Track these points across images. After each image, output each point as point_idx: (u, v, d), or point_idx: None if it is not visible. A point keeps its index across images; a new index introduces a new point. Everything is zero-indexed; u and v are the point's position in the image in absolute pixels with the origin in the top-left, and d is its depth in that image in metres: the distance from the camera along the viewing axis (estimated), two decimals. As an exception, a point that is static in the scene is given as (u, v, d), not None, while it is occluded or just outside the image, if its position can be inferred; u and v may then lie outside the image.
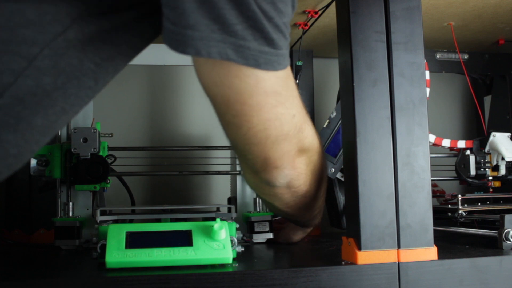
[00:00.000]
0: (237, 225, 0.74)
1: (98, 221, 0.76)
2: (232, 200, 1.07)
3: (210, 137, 1.26)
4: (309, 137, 0.66)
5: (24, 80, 0.46)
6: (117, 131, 1.07)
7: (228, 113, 0.55)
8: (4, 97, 0.46)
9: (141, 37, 0.54)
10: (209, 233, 0.68)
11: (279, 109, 0.56)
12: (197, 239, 0.68)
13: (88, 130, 0.92)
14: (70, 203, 0.93)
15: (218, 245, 0.67)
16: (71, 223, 0.89)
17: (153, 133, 1.27)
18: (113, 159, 1.00)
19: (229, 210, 0.83)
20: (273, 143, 0.59)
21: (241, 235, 0.77)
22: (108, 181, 0.94)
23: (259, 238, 0.95)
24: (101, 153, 0.94)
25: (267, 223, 0.96)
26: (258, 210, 0.99)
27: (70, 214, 0.93)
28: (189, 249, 0.66)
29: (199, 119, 1.27)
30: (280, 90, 0.55)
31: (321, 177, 0.74)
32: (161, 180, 1.24)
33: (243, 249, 0.73)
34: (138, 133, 1.25)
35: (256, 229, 0.95)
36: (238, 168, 1.04)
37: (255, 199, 1.00)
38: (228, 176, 1.10)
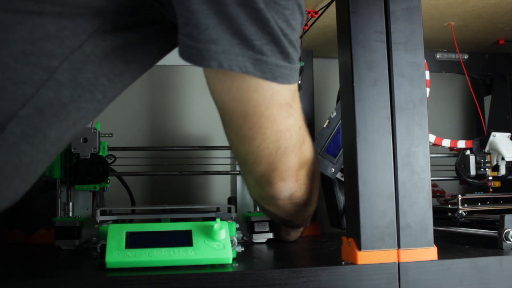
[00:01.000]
0: (237, 225, 0.74)
1: (98, 221, 0.76)
2: (232, 200, 1.07)
3: (210, 137, 1.26)
4: (310, 148, 0.68)
5: (45, 92, 0.48)
6: (117, 131, 1.07)
7: (245, 126, 0.56)
8: (26, 107, 0.48)
9: (151, 55, 0.57)
10: (209, 233, 0.68)
11: (290, 120, 0.58)
12: (197, 239, 0.68)
13: (88, 130, 0.92)
14: (70, 203, 0.93)
15: (218, 245, 0.67)
16: (71, 223, 0.90)
17: (153, 133, 1.27)
18: (113, 159, 1.00)
19: (229, 210, 0.83)
20: (282, 155, 0.61)
21: (241, 235, 0.77)
22: (108, 181, 0.94)
23: (259, 238, 0.95)
24: (101, 153, 0.94)
25: (267, 223, 0.96)
26: (258, 210, 0.99)
27: (70, 214, 0.93)
28: (189, 249, 0.66)
29: (199, 119, 1.27)
30: (291, 102, 0.57)
31: (316, 184, 0.75)
32: (161, 180, 1.24)
33: (243, 249, 0.73)
34: (138, 133, 1.25)
35: (256, 229, 0.96)
36: (238, 168, 1.03)
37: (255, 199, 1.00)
38: (228, 176, 1.10)
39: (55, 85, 0.49)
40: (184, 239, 0.68)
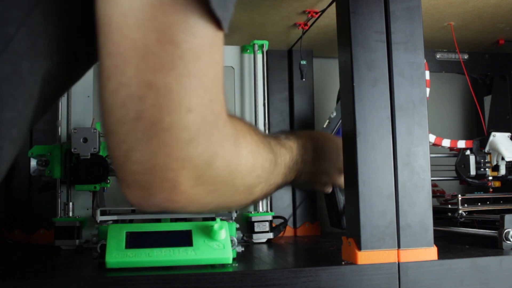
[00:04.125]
0: (237, 225, 0.74)
1: (98, 221, 0.76)
2: None
3: None
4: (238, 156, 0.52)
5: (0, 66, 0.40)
6: None
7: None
8: None
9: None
10: (209, 233, 0.68)
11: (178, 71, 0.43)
12: (197, 239, 0.68)
13: (88, 130, 0.92)
14: (70, 203, 0.94)
15: (218, 245, 0.67)
16: (71, 223, 0.90)
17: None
18: None
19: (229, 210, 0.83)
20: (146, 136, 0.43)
21: (241, 235, 0.77)
22: (108, 181, 0.94)
23: (259, 238, 0.95)
24: (101, 153, 0.94)
25: (267, 223, 0.96)
26: (258, 210, 0.99)
27: (70, 214, 0.93)
28: (189, 249, 0.66)
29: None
30: (180, 41, 0.43)
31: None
32: None
33: (243, 249, 0.73)
34: None
35: (256, 229, 0.96)
36: None
37: None
38: None
39: (12, 57, 0.40)
40: (184, 239, 0.68)
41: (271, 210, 1.04)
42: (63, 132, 0.98)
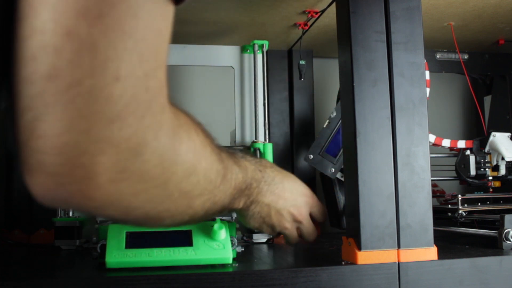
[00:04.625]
0: (237, 225, 0.74)
1: (98, 221, 0.76)
2: None
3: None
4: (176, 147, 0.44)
5: None
6: None
7: None
8: None
9: None
10: (209, 233, 0.68)
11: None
12: (197, 239, 0.68)
13: None
14: None
15: (218, 245, 0.67)
16: (71, 223, 0.90)
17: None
18: None
19: None
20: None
21: (241, 235, 0.77)
22: None
23: (259, 238, 0.95)
24: None
25: None
26: None
27: (70, 214, 0.93)
28: (189, 249, 0.66)
29: (199, 119, 1.27)
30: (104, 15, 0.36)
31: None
32: None
33: (243, 249, 0.73)
34: None
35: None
36: None
37: None
38: None
39: None
40: (184, 239, 0.68)
41: None
42: None
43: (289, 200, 0.67)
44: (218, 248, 0.67)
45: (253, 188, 0.62)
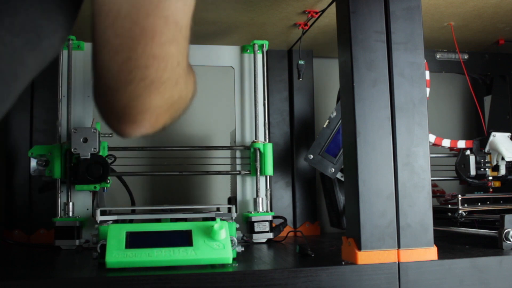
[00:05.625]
0: (237, 225, 0.74)
1: (98, 221, 0.76)
2: (232, 200, 1.06)
3: (210, 137, 1.26)
4: (184, 96, 0.56)
5: None
6: None
7: (110, 30, 0.44)
8: None
9: None
10: (209, 233, 0.68)
11: (172, 48, 0.48)
12: (197, 239, 0.68)
13: (88, 130, 0.92)
14: (70, 203, 0.93)
15: (218, 245, 0.67)
16: (71, 223, 0.90)
17: (153, 133, 1.26)
18: (113, 159, 1.00)
19: (229, 210, 0.82)
20: (144, 89, 0.50)
21: (241, 235, 0.77)
22: (108, 181, 0.94)
23: (259, 238, 0.95)
24: (101, 153, 0.94)
25: (267, 223, 0.96)
26: (258, 210, 0.99)
27: (70, 214, 0.93)
28: (189, 249, 0.66)
29: (199, 119, 1.27)
30: (182, 25, 0.48)
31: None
32: (161, 180, 1.24)
33: (243, 249, 0.73)
34: None
35: (256, 229, 0.96)
36: (238, 168, 1.03)
37: (255, 199, 1.00)
38: (228, 176, 1.10)
39: None
40: (184, 239, 0.68)
41: (271, 210, 1.04)
42: (63, 132, 0.97)
43: None
44: (218, 248, 0.67)
45: None
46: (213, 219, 0.75)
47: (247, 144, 1.04)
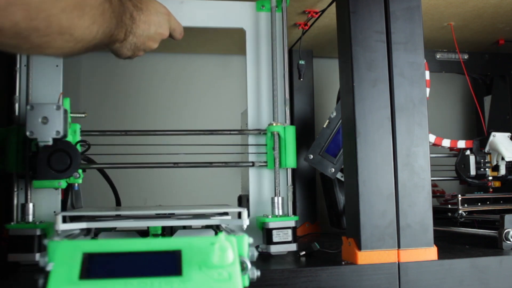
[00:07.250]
0: (250, 240, 0.48)
1: (59, 231, 0.57)
2: (243, 199, 0.87)
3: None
4: None
5: None
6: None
7: None
8: None
9: None
10: (207, 255, 0.45)
11: None
12: (188, 264, 0.45)
13: (49, 108, 0.68)
14: (30, 205, 0.71)
15: (220, 274, 0.44)
16: (30, 231, 0.68)
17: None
18: (86, 146, 0.75)
19: (239, 215, 0.62)
20: None
21: (255, 252, 0.49)
22: (78, 175, 0.73)
23: (278, 250, 0.73)
24: (70, 139, 0.72)
25: (289, 231, 0.74)
26: (277, 213, 0.76)
27: (30, 219, 0.71)
28: (175, 280, 0.43)
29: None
30: None
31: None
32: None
33: (258, 273, 0.47)
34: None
35: (275, 239, 0.73)
36: (251, 158, 0.81)
37: (273, 199, 0.77)
38: (238, 169, 0.93)
39: None
40: (169, 265, 0.45)
41: (294, 213, 0.80)
42: (22, 112, 0.73)
43: (156, 23, 0.71)
44: (220, 278, 0.44)
45: (130, 17, 0.66)
46: (217, 227, 0.65)
47: (263, 128, 0.81)
